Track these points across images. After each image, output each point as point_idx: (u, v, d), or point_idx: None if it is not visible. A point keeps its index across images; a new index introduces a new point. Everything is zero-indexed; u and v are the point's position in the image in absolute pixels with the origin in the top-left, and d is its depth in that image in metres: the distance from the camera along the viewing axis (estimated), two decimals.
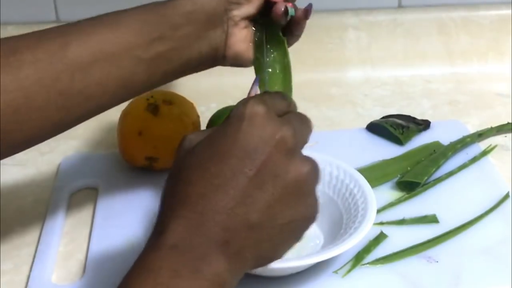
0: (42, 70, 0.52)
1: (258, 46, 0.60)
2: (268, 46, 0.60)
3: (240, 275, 0.43)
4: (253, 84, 0.52)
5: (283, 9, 0.58)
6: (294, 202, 0.44)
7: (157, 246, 0.42)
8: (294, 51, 0.98)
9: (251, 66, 0.61)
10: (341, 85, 0.96)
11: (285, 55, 0.60)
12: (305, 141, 0.46)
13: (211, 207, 0.41)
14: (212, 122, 0.79)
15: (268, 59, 0.60)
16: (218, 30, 0.58)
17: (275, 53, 0.61)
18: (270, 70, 0.60)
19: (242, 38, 0.59)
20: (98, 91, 0.54)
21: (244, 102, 0.44)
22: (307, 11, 0.60)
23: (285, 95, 0.50)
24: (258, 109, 0.43)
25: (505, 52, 0.99)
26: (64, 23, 0.56)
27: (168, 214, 0.43)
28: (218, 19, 0.57)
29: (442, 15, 1.00)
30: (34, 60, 0.52)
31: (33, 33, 0.54)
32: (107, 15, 0.56)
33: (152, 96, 0.76)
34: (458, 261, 0.63)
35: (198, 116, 0.78)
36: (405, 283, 0.61)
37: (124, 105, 0.77)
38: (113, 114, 0.80)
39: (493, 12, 0.99)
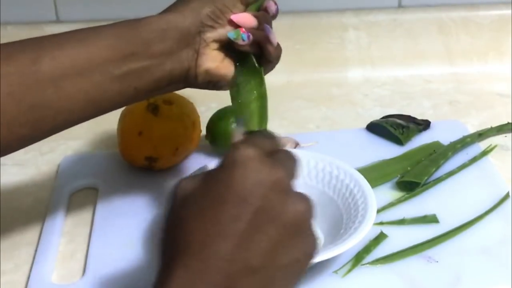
0: (13, 84, 0.52)
1: (235, 76, 0.61)
2: (244, 76, 0.61)
3: None
4: (236, 126, 0.52)
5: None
6: (295, 241, 0.44)
7: None
8: (295, 51, 0.99)
9: (224, 88, 0.62)
10: (341, 85, 0.96)
11: (261, 84, 0.60)
12: (295, 177, 0.46)
13: (212, 254, 0.41)
14: (212, 122, 0.79)
15: (244, 88, 0.60)
16: (190, 49, 0.58)
17: (251, 81, 0.60)
18: (246, 100, 0.60)
19: (212, 57, 0.59)
20: (69, 105, 0.54)
21: (234, 148, 0.44)
22: (267, 37, 0.60)
23: (270, 133, 0.50)
24: (250, 153, 0.43)
25: (505, 52, 0.99)
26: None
27: (169, 264, 0.43)
28: (191, 39, 0.58)
29: (442, 15, 1.00)
30: (6, 74, 0.52)
31: (6, 44, 0.54)
32: (81, 30, 0.56)
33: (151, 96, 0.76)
34: (458, 261, 0.63)
35: (198, 116, 0.78)
36: (405, 283, 0.61)
37: None
38: (113, 114, 0.79)
39: (493, 12, 1.00)
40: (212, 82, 0.61)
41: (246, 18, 0.59)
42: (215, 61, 0.60)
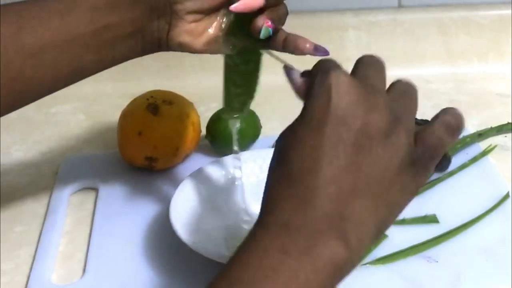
0: None
1: (234, 49, 0.61)
2: (244, 50, 0.61)
3: (360, 253, 0.41)
4: (290, 72, 0.50)
5: (260, 26, 0.57)
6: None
7: (264, 225, 0.40)
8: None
9: (202, 53, 0.62)
10: None
11: (256, 69, 0.61)
12: (385, 89, 0.45)
13: (317, 181, 0.40)
14: (212, 122, 0.79)
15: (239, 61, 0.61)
16: (162, 21, 0.59)
17: (250, 61, 0.61)
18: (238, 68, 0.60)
19: (186, 30, 0.59)
20: (50, 76, 0.56)
21: (323, 73, 0.43)
22: (315, 48, 0.62)
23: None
24: (340, 76, 0.43)
25: (505, 52, 0.99)
26: None
27: (274, 195, 0.41)
28: (162, 11, 0.58)
29: (442, 15, 1.00)
30: None
31: None
32: (58, 0, 0.57)
33: (152, 96, 0.76)
34: (458, 261, 0.63)
35: (198, 116, 0.78)
36: (405, 283, 0.61)
37: (124, 105, 0.77)
38: (113, 114, 0.80)
39: (493, 12, 0.99)
40: (187, 51, 0.61)
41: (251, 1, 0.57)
42: (190, 35, 0.59)
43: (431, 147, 0.44)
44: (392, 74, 0.48)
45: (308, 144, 0.41)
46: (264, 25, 0.57)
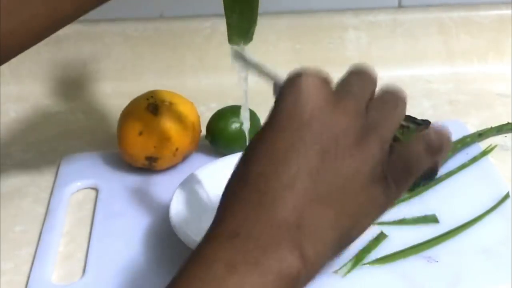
0: None
1: None
2: None
3: (318, 266, 0.38)
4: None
5: None
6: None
7: (214, 235, 0.38)
8: (295, 51, 0.99)
9: None
10: None
11: None
12: (366, 97, 0.42)
13: (272, 185, 0.37)
14: (212, 122, 0.79)
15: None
16: None
17: None
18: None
19: None
20: (27, 31, 0.55)
21: (297, 76, 0.41)
22: None
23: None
24: (313, 81, 0.41)
25: (505, 52, 0.99)
26: None
27: (228, 199, 0.39)
28: None
29: (442, 15, 0.99)
30: None
31: None
32: None
33: (152, 96, 0.76)
34: (458, 261, 0.63)
35: (198, 116, 0.78)
36: (405, 283, 0.61)
37: (124, 105, 0.77)
38: (113, 114, 0.80)
39: (493, 12, 0.99)
40: None
41: None
42: None
43: (406, 163, 0.40)
44: (392, 74, 0.48)
45: (269, 147, 0.39)
46: None
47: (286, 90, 0.40)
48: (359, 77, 0.44)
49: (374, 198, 0.39)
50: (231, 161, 0.70)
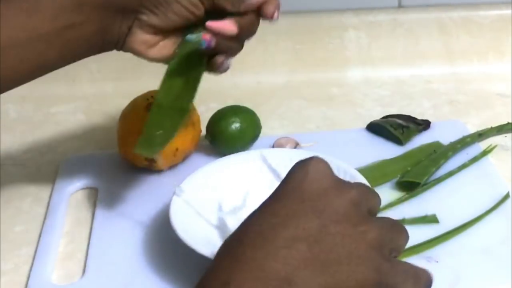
0: None
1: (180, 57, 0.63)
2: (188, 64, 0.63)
3: None
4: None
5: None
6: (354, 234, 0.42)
7: (205, 284, 0.39)
8: (295, 51, 0.99)
9: (153, 61, 0.64)
10: (341, 85, 0.96)
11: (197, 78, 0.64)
12: (376, 209, 0.45)
13: (270, 243, 0.39)
14: (212, 122, 0.79)
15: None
16: (124, 25, 0.60)
17: (192, 70, 0.63)
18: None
19: (143, 40, 0.61)
20: (13, 74, 0.57)
21: (308, 159, 0.44)
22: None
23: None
24: (322, 165, 0.43)
25: (505, 52, 0.99)
26: None
27: (224, 251, 0.41)
28: (126, 15, 0.59)
29: (442, 15, 1.00)
30: None
31: None
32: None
33: (152, 96, 0.76)
34: (458, 261, 0.63)
35: (198, 116, 0.78)
36: None
37: (124, 105, 0.77)
38: (113, 114, 0.80)
39: (493, 12, 1.00)
40: (137, 56, 0.63)
41: (226, 25, 0.60)
42: (145, 45, 0.61)
43: (400, 271, 0.44)
44: (392, 74, 0.48)
45: (271, 211, 0.41)
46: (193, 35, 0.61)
47: (296, 169, 0.43)
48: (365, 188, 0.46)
49: (365, 278, 0.40)
50: (231, 161, 0.71)
